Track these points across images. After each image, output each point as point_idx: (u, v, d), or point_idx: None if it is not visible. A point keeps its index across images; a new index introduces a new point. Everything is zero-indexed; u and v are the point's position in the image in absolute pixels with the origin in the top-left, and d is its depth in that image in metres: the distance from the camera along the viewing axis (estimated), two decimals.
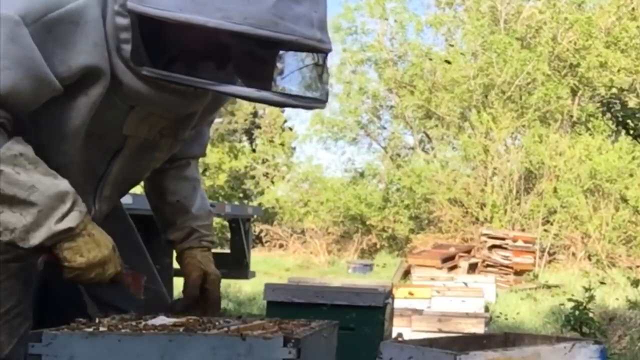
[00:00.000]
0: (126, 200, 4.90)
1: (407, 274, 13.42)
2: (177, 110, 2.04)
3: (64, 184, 1.84)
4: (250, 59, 1.88)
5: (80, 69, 1.85)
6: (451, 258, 13.68)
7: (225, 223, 11.77)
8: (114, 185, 2.14)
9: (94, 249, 1.88)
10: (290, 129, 33.22)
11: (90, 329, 1.74)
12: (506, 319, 8.98)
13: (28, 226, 1.80)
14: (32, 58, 1.79)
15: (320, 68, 1.96)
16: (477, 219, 18.40)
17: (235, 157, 31.44)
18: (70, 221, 1.83)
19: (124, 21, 1.83)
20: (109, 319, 1.87)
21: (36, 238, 1.81)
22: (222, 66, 1.90)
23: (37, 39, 1.79)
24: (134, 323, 1.84)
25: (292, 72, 1.99)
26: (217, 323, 1.88)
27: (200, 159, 2.59)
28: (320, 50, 1.90)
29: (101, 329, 1.76)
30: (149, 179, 2.38)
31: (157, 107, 1.99)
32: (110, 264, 1.92)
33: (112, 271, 1.93)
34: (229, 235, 7.91)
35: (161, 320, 1.89)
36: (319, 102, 1.98)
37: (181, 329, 1.75)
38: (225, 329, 1.78)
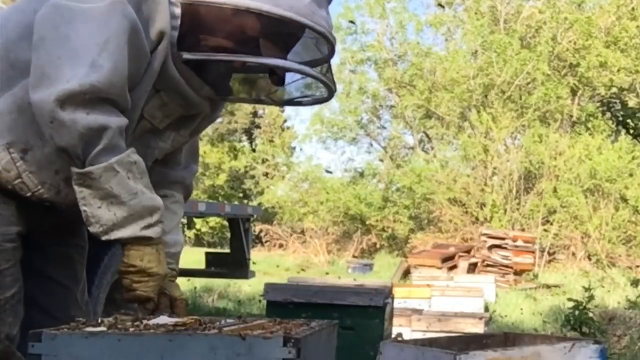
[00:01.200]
0: None
1: (407, 274, 13.42)
2: (192, 105, 2.22)
3: (159, 201, 2.06)
4: (278, 43, 2.15)
5: (156, 35, 2.06)
6: (451, 258, 13.68)
7: (225, 223, 11.76)
8: None
9: (154, 261, 2.05)
10: (289, 128, 33.25)
11: (91, 329, 1.74)
12: (505, 316, 8.99)
13: (117, 223, 1.98)
14: (139, 37, 2.02)
15: (328, 65, 2.32)
16: (477, 219, 18.40)
17: (235, 157, 31.45)
18: (153, 232, 2.04)
19: (177, 10, 2.07)
20: (112, 319, 1.88)
21: (119, 234, 2.00)
22: (256, 50, 2.13)
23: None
24: (135, 323, 1.84)
25: (318, 60, 2.30)
26: (217, 323, 1.88)
27: (200, 159, 2.63)
28: (334, 46, 2.26)
29: (102, 328, 1.76)
30: None
31: (177, 97, 2.18)
32: (156, 283, 2.08)
33: (153, 288, 2.08)
34: (229, 235, 7.89)
35: (162, 320, 1.89)
36: (334, 90, 2.32)
37: (182, 329, 1.75)
38: (226, 328, 1.78)
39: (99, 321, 1.86)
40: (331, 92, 2.33)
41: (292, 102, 2.47)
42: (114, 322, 1.84)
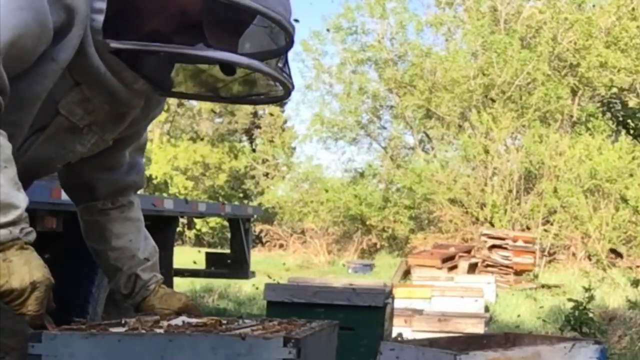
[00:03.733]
0: None
1: (407, 274, 13.42)
2: (119, 100, 1.93)
3: (19, 199, 1.68)
4: (225, 30, 1.84)
5: (63, 9, 1.73)
6: (451, 258, 13.67)
7: (225, 223, 11.76)
8: (21, 166, 1.83)
9: (3, 276, 1.65)
10: (289, 128, 33.26)
11: (91, 329, 1.74)
12: (506, 315, 8.99)
13: None
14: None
15: (285, 58, 1.96)
16: (477, 219, 18.40)
17: (235, 157, 31.48)
18: (3, 235, 1.65)
19: None
20: (134, 319, 1.88)
21: None
22: (198, 37, 1.82)
23: None
24: (157, 324, 1.85)
25: (272, 52, 1.95)
26: (236, 324, 1.88)
27: (200, 159, 2.54)
28: (292, 35, 1.90)
29: (124, 329, 1.77)
30: (88, 222, 2.27)
31: (101, 91, 1.89)
32: (25, 300, 1.69)
33: (30, 309, 1.70)
34: (229, 235, 7.89)
35: (182, 320, 1.90)
36: (290, 88, 1.97)
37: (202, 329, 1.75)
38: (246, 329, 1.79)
39: (122, 322, 1.86)
40: (287, 90, 1.98)
41: (244, 100, 2.21)
42: (136, 323, 1.85)
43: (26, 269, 1.68)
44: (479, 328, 6.04)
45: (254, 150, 30.09)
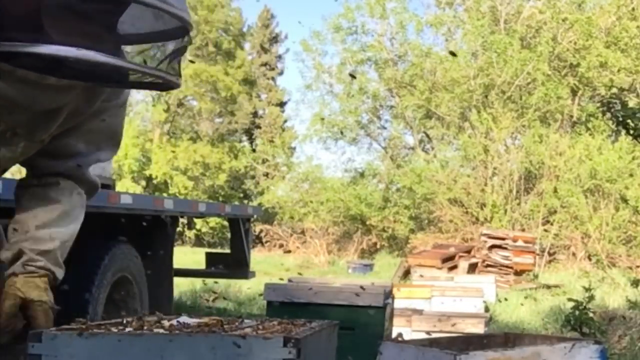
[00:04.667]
0: (125, 200, 4.91)
1: (407, 274, 13.41)
2: (25, 104, 1.74)
3: None
4: (78, 17, 1.58)
5: None
6: (451, 258, 13.67)
7: (225, 223, 11.76)
8: None
9: None
10: (289, 128, 33.25)
11: (91, 329, 1.74)
12: (506, 315, 8.98)
13: None
14: None
15: (182, 47, 1.72)
16: (477, 219, 18.40)
17: (235, 157, 31.47)
18: None
19: None
20: (136, 318, 1.88)
21: None
22: (41, 28, 1.55)
23: None
24: (155, 323, 1.85)
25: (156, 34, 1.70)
26: (236, 324, 1.88)
27: (200, 159, 2.45)
28: (182, 18, 1.64)
29: (124, 329, 1.77)
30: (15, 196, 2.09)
31: (4, 101, 1.71)
32: None
33: None
34: (229, 235, 7.89)
35: (184, 320, 1.89)
36: (170, 79, 1.70)
37: (206, 329, 1.75)
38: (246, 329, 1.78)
39: (122, 321, 1.86)
40: (169, 83, 1.72)
41: (139, 85, 1.82)
42: (136, 323, 1.84)
43: None
44: (479, 328, 6.02)
45: (254, 150, 30.09)
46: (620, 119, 7.83)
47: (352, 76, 21.62)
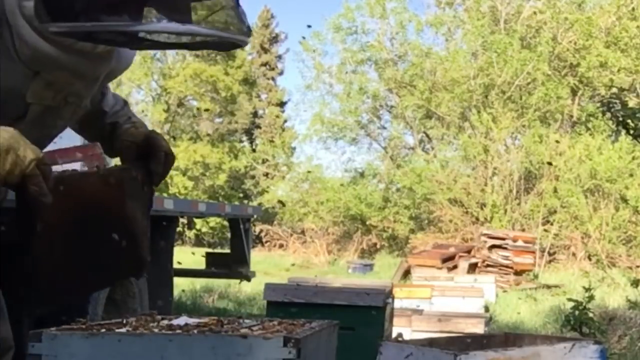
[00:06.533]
0: None
1: (407, 274, 13.42)
2: (84, 73, 1.90)
3: None
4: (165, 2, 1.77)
5: None
6: (451, 258, 13.67)
7: (225, 223, 11.76)
8: None
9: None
10: (289, 128, 33.25)
11: (91, 329, 1.74)
12: (506, 315, 8.98)
13: None
14: None
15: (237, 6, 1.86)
16: (477, 219, 18.40)
17: (235, 157, 31.46)
18: None
19: None
20: (134, 318, 1.88)
21: None
22: (136, 12, 1.72)
23: None
24: (158, 323, 1.84)
25: (214, 9, 1.88)
26: (236, 324, 1.88)
27: (200, 159, 2.50)
28: None
29: (124, 329, 1.77)
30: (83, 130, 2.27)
31: (63, 72, 1.86)
32: (18, 150, 1.70)
33: (30, 157, 1.71)
34: (229, 235, 7.90)
35: (184, 320, 1.89)
36: (244, 36, 1.84)
37: (205, 329, 1.75)
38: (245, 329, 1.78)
39: (122, 321, 1.86)
40: (244, 36, 1.84)
41: (208, 45, 1.93)
42: (136, 323, 1.84)
43: (7, 136, 1.70)
44: (479, 328, 6.03)
45: (254, 150, 30.10)
46: (620, 119, 7.82)
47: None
